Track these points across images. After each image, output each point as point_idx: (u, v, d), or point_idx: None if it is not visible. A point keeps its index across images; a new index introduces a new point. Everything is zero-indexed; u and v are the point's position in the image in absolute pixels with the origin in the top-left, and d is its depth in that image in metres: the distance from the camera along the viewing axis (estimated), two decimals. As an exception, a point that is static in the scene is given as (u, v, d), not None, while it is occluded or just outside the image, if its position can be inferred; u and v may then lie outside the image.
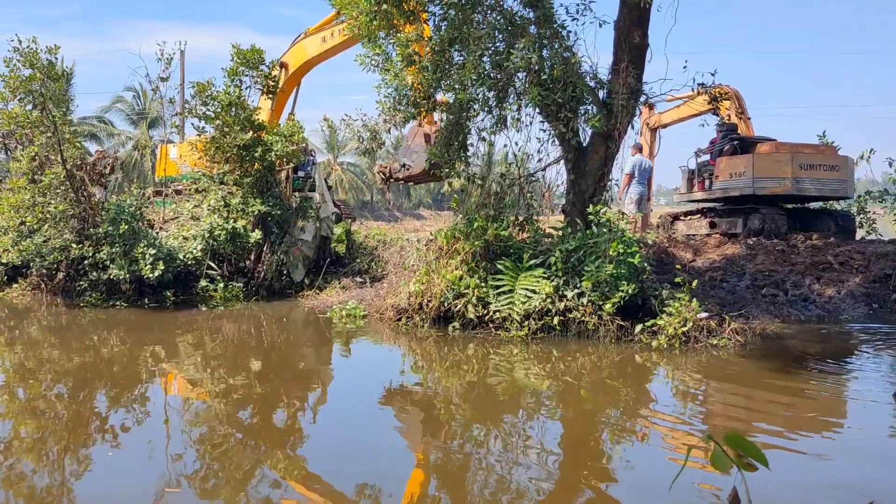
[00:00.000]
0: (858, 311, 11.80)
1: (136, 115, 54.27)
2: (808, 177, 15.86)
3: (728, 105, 18.10)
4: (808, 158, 15.99)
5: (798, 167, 15.77)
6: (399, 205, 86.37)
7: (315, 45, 17.45)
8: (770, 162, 16.01)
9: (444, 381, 7.92)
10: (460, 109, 10.93)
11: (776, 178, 15.83)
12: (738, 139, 17.19)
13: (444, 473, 4.97)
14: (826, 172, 16.02)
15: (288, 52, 18.34)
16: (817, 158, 16.11)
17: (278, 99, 18.44)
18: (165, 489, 4.50)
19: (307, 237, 14.61)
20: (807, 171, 15.86)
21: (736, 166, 16.55)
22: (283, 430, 6.05)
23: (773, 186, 15.89)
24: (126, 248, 12.75)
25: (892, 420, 6.22)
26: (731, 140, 17.11)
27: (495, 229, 10.29)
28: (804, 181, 15.81)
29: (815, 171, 15.93)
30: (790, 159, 15.80)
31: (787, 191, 15.87)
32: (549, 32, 10.50)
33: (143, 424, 6.21)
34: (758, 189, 15.99)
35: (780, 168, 15.84)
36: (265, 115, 17.97)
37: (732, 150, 16.91)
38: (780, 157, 15.98)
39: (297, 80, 19.01)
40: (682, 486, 4.33)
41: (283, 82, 18.45)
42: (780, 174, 15.81)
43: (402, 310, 10.81)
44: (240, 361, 8.87)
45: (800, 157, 15.89)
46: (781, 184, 15.81)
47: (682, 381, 7.83)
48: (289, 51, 18.32)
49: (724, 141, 17.22)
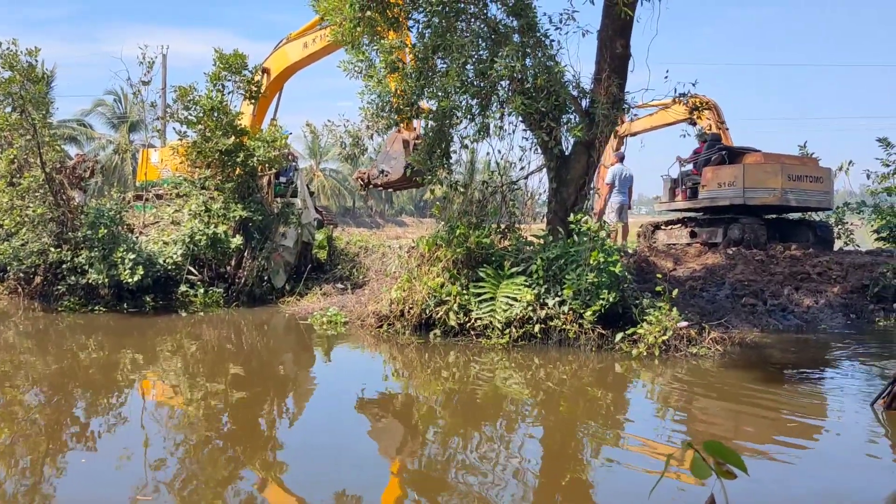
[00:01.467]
0: (836, 321, 11.90)
1: (117, 119, 53.91)
2: (796, 188, 16.01)
3: (708, 115, 18.34)
4: (795, 170, 16.15)
5: (787, 178, 15.90)
6: (381, 211, 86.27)
7: (297, 50, 17.42)
8: (760, 173, 16.10)
9: (424, 388, 7.90)
10: (443, 117, 10.94)
11: (766, 188, 15.92)
12: (725, 149, 17.27)
13: (423, 482, 4.95)
14: (811, 184, 16.19)
15: (270, 58, 18.29)
16: (803, 170, 16.28)
17: (260, 104, 18.36)
18: (137, 497, 4.44)
19: (288, 243, 14.56)
20: (794, 182, 16.01)
21: (724, 176, 16.53)
22: (261, 437, 6.01)
23: (763, 197, 15.96)
24: (105, 252, 12.65)
25: (870, 428, 6.26)
26: (719, 150, 17.17)
27: (477, 237, 10.29)
28: (791, 192, 15.95)
29: (801, 183, 16.09)
30: (780, 170, 15.93)
31: (777, 202, 15.96)
32: (532, 41, 10.54)
33: (119, 431, 6.14)
34: (748, 199, 16.02)
35: (770, 179, 15.95)
36: (247, 120, 17.90)
37: (720, 159, 16.95)
38: (769, 167, 16.10)
39: (279, 86, 18.96)
40: (660, 494, 4.33)
41: (265, 87, 18.40)
42: (771, 185, 15.90)
43: (384, 317, 10.78)
44: (219, 368, 8.81)
45: (788, 169, 16.04)
46: (771, 194, 15.89)
47: (661, 390, 7.86)
48: (271, 56, 18.28)
49: (710, 150, 17.25)
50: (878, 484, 4.87)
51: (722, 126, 19.00)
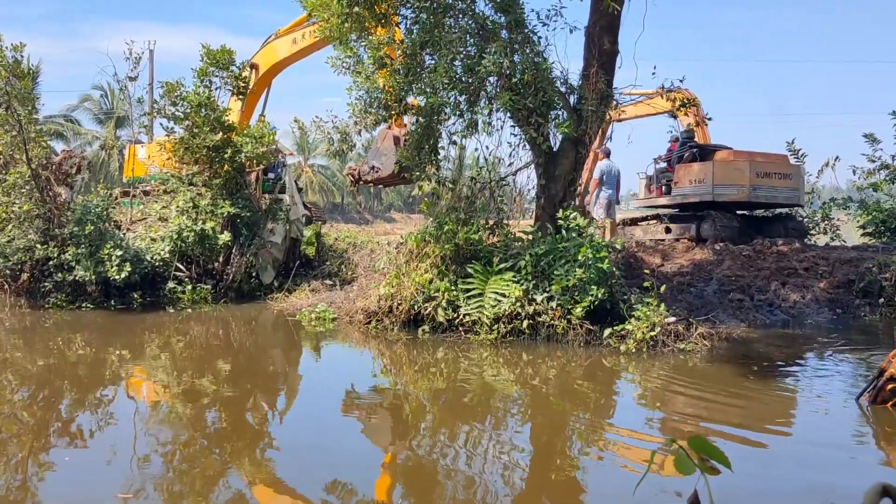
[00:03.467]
0: (823, 315, 11.97)
1: (104, 115, 53.63)
2: (765, 184, 16.40)
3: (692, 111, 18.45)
4: (764, 167, 16.52)
5: (756, 175, 16.28)
6: (370, 207, 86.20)
7: (286, 46, 17.38)
8: (729, 170, 16.45)
9: (413, 385, 7.91)
10: (431, 113, 10.94)
11: (736, 185, 16.29)
12: (697, 146, 17.59)
13: (413, 478, 4.96)
14: (780, 180, 16.59)
15: (258, 53, 18.23)
16: (772, 167, 16.65)
17: (249, 100, 18.31)
18: (118, 495, 4.42)
19: (277, 239, 14.54)
20: (763, 178, 16.39)
21: (695, 173, 16.90)
22: (249, 434, 6.01)
23: (733, 193, 16.31)
24: (92, 248, 12.59)
25: (854, 423, 6.31)
26: (690, 147, 17.49)
27: (466, 233, 10.30)
28: (760, 189, 16.33)
29: (770, 179, 16.48)
30: (748, 167, 16.28)
31: (746, 198, 16.33)
32: (520, 37, 10.55)
33: (105, 429, 6.12)
34: (717, 196, 16.39)
35: (739, 176, 16.31)
36: (236, 116, 17.84)
37: (692, 157, 17.26)
38: (738, 164, 16.45)
39: (267, 82, 18.92)
40: (645, 490, 4.36)
41: (253, 83, 18.34)
42: (740, 182, 16.27)
43: (372, 313, 10.78)
44: (207, 365, 8.79)
45: (757, 166, 16.40)
46: (740, 191, 16.26)
47: (649, 385, 7.89)
48: (259, 52, 18.22)
49: (682, 148, 17.57)
50: (862, 478, 4.90)
51: (701, 122, 19.29)
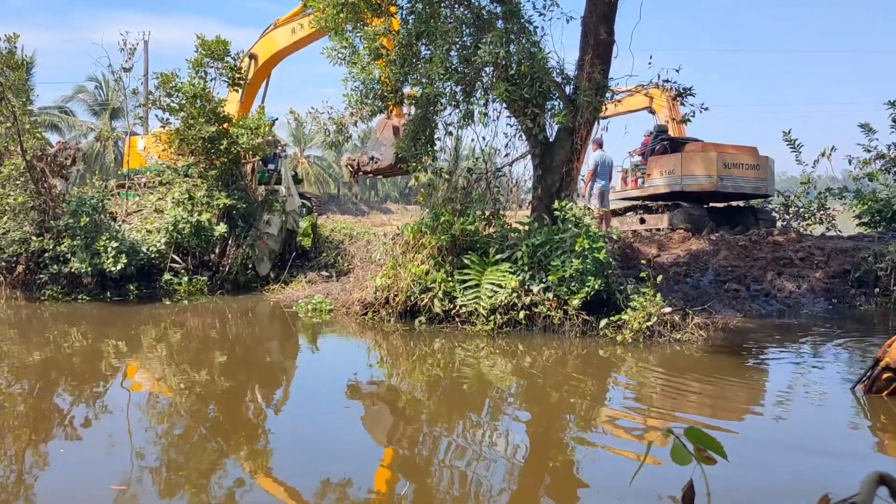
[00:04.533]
0: (818, 305, 11.99)
1: (99, 106, 53.41)
2: (732, 175, 16.85)
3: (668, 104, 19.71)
4: (731, 158, 16.96)
5: (723, 166, 16.71)
6: (366, 199, 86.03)
7: (285, 36, 17.31)
8: (698, 160, 16.91)
9: (410, 375, 7.92)
10: (427, 104, 10.91)
11: (703, 175, 16.74)
12: (668, 139, 18.20)
13: (410, 469, 4.97)
14: (748, 171, 17.03)
15: (257, 44, 18.17)
16: (740, 158, 17.10)
17: (248, 90, 18.27)
18: (112, 486, 4.42)
19: (273, 231, 14.51)
20: (730, 169, 16.82)
21: (666, 165, 17.44)
22: (246, 426, 6.01)
23: (700, 183, 16.77)
24: (88, 240, 12.56)
25: (850, 413, 6.33)
26: (662, 140, 18.09)
27: (462, 224, 10.29)
28: (728, 179, 16.77)
29: (738, 170, 16.92)
30: (716, 158, 16.71)
31: (713, 187, 16.77)
32: (516, 27, 10.51)
33: (101, 420, 6.11)
34: (686, 186, 16.88)
35: (706, 166, 16.76)
36: (235, 107, 17.79)
37: (663, 149, 17.83)
38: (706, 156, 16.91)
39: (266, 72, 18.86)
40: (641, 479, 4.37)
41: (252, 74, 18.28)
42: (707, 172, 16.71)
43: (369, 304, 10.78)
44: (204, 356, 8.80)
45: (724, 157, 16.85)
46: (708, 181, 16.70)
47: (645, 376, 7.90)
48: (258, 42, 18.16)
49: (655, 141, 18.17)
50: (858, 467, 4.92)
51: (676, 118, 19.73)
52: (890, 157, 18.45)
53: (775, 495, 4.42)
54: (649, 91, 15.68)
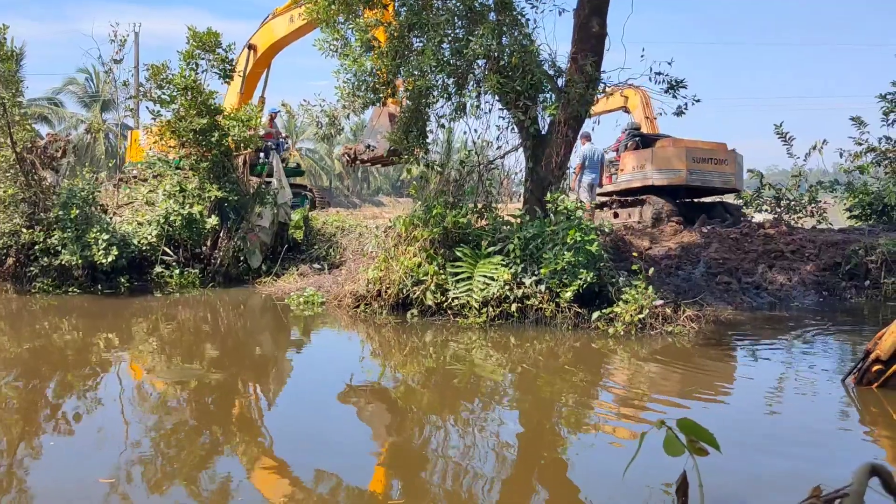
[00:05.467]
0: (809, 298, 12.05)
1: (89, 98, 53.13)
2: (700, 169, 17.38)
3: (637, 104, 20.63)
4: (699, 153, 17.50)
5: (692, 161, 17.25)
6: (358, 191, 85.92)
7: (283, 25, 17.21)
8: (667, 156, 17.45)
9: (402, 368, 7.91)
10: (419, 96, 10.89)
11: (673, 170, 17.27)
12: (640, 136, 18.70)
13: (402, 461, 4.97)
14: (716, 166, 17.59)
15: (256, 34, 18.08)
16: (708, 153, 17.63)
17: (248, 81, 18.22)
18: (100, 479, 4.40)
19: (264, 223, 14.47)
20: (699, 164, 17.36)
21: (637, 160, 18.05)
22: (237, 419, 6.00)
23: (670, 178, 17.29)
24: (78, 233, 12.50)
25: (840, 406, 6.36)
26: (634, 137, 18.63)
27: (454, 216, 10.29)
28: (696, 173, 17.30)
29: (706, 165, 17.47)
30: (684, 154, 17.25)
31: (682, 181, 17.27)
32: (508, 20, 10.50)
33: (91, 413, 6.07)
34: (656, 181, 17.40)
35: (675, 161, 17.30)
36: (235, 99, 17.74)
37: (635, 145, 18.38)
38: (676, 151, 17.44)
39: (266, 62, 18.78)
40: (635, 471, 4.37)
41: (252, 64, 18.21)
42: (676, 167, 17.25)
43: (361, 297, 10.76)
44: (195, 349, 8.78)
45: (693, 153, 17.39)
46: (677, 175, 17.23)
47: (637, 368, 7.92)
48: (257, 32, 18.07)
49: (627, 138, 18.72)
50: (849, 459, 4.95)
51: (649, 117, 20.59)
52: (881, 151, 18.54)
53: (767, 487, 4.44)
54: (624, 91, 16.36)
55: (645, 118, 20.47)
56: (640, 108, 20.89)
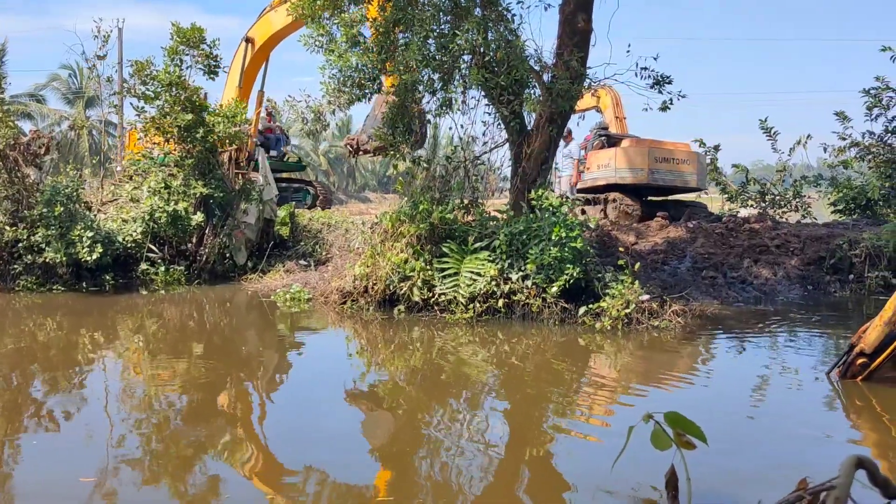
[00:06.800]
0: (794, 292, 12.12)
1: (73, 94, 52.79)
2: (663, 169, 17.87)
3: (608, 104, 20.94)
4: (662, 153, 18.00)
5: (654, 160, 17.74)
6: (344, 187, 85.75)
7: (281, 17, 17.01)
8: (630, 155, 17.88)
9: (389, 364, 7.90)
10: (405, 91, 10.87)
11: (636, 169, 17.70)
12: (606, 136, 19.20)
13: (389, 458, 4.96)
14: (678, 165, 18.07)
15: (254, 27, 17.91)
16: (670, 153, 18.15)
17: (246, 75, 18.07)
18: (81, 479, 4.37)
19: (250, 220, 14.41)
20: (661, 163, 17.84)
21: (602, 159, 18.55)
22: (225, 417, 5.97)
23: (633, 176, 17.74)
24: (62, 230, 12.41)
25: (825, 399, 6.40)
26: (600, 136, 19.19)
27: (440, 212, 10.28)
28: (658, 173, 17.78)
29: (668, 164, 17.97)
30: (647, 153, 17.72)
31: (645, 181, 17.71)
32: (493, 15, 10.50)
33: (75, 412, 6.02)
34: (620, 178, 17.87)
35: (638, 160, 17.72)
36: (233, 93, 17.61)
37: (601, 145, 18.93)
38: (639, 150, 17.88)
39: (264, 56, 18.58)
40: (622, 466, 4.39)
41: (250, 58, 18.06)
42: (639, 166, 17.67)
43: (347, 293, 10.75)
44: (181, 346, 8.73)
45: (655, 152, 17.88)
46: (640, 174, 17.67)
47: (624, 363, 7.95)
48: (255, 25, 17.90)
49: (595, 137, 19.31)
50: (834, 451, 4.98)
51: (619, 117, 20.99)
52: (864, 145, 18.66)
53: (753, 480, 4.46)
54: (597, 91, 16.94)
55: (615, 118, 20.88)
56: (610, 107, 21.22)
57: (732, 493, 4.26)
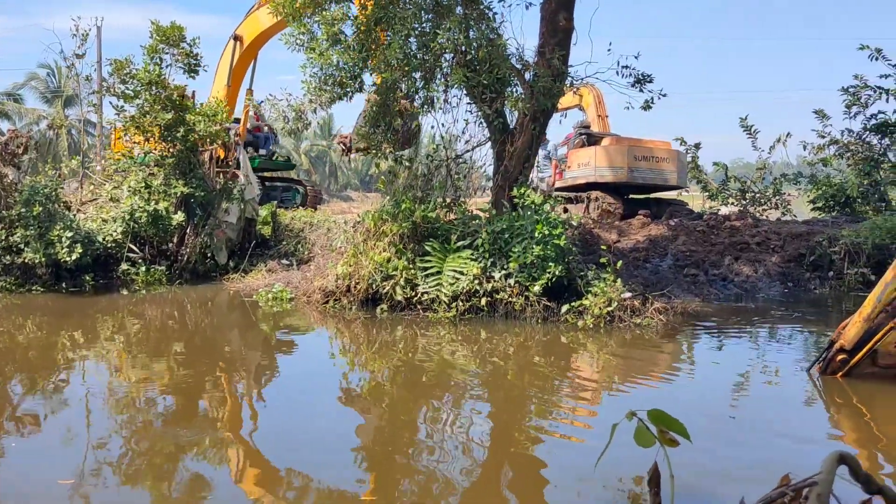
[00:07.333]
0: (774, 289, 12.20)
1: (51, 94, 52.34)
2: (642, 167, 18.04)
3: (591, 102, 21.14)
4: (641, 152, 18.15)
5: (633, 158, 17.91)
6: (326, 186, 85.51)
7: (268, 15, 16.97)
8: (610, 153, 18.07)
9: (372, 363, 7.88)
10: (387, 90, 10.85)
11: (615, 167, 17.89)
12: (587, 134, 19.45)
13: (372, 457, 4.94)
14: (657, 164, 18.20)
15: (242, 25, 17.79)
16: (650, 152, 18.27)
17: (235, 73, 17.94)
18: (59, 481, 4.32)
19: (231, 219, 14.33)
20: (640, 162, 18.01)
21: (582, 158, 18.73)
22: (206, 417, 5.94)
23: (612, 175, 17.91)
24: (41, 230, 12.30)
25: (805, 395, 6.45)
26: (581, 135, 19.43)
27: (423, 211, 10.27)
28: (637, 171, 17.95)
29: (647, 163, 18.11)
30: (626, 152, 17.90)
31: (624, 179, 17.90)
32: (475, 13, 10.49)
33: (55, 414, 5.96)
34: (599, 177, 18.05)
35: (618, 159, 17.93)
36: (222, 92, 17.48)
37: (581, 143, 19.14)
38: (618, 149, 18.07)
39: (253, 53, 18.46)
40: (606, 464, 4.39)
41: (238, 56, 17.94)
42: (618, 164, 17.88)
43: (330, 292, 10.71)
44: (163, 347, 8.67)
45: (635, 150, 18.05)
46: (619, 172, 17.86)
47: (606, 361, 7.97)
48: (243, 22, 17.77)
49: (576, 136, 19.55)
50: (815, 448, 5.01)
51: (602, 115, 21.22)
52: (843, 143, 18.83)
53: (736, 476, 4.49)
54: (579, 89, 16.94)
55: (597, 116, 21.03)
56: (593, 105, 21.37)
57: (715, 490, 4.28)
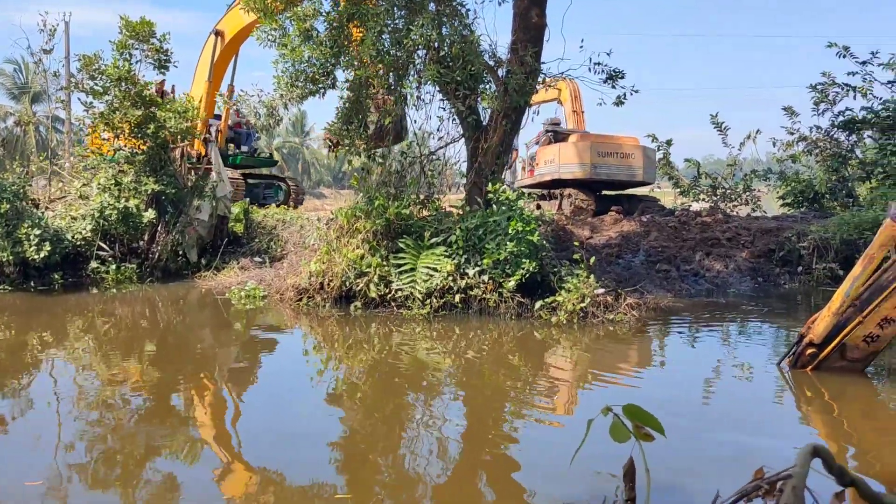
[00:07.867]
0: (745, 284, 12.33)
1: (18, 90, 51.55)
2: (606, 163, 18.12)
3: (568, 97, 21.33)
4: (605, 148, 18.22)
5: (597, 155, 17.96)
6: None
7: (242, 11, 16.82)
8: (574, 150, 18.14)
9: (346, 361, 7.86)
10: (360, 86, 10.81)
11: (578, 164, 18.00)
12: (555, 132, 19.60)
13: (346, 456, 4.93)
14: (621, 160, 18.28)
15: (223, 20, 17.58)
16: (613, 148, 18.37)
17: (216, 69, 17.72)
18: (25, 483, 4.26)
19: (203, 216, 14.20)
20: (604, 158, 18.08)
21: (548, 155, 18.82)
22: (178, 416, 5.88)
23: (576, 171, 18.03)
24: (8, 228, 12.12)
25: (776, 389, 6.52)
26: (548, 132, 19.59)
27: (396, 208, 10.25)
28: (601, 167, 18.05)
29: (611, 159, 18.18)
30: (589, 148, 17.94)
31: (587, 175, 17.99)
32: (448, 10, 10.48)
33: (22, 416, 5.89)
34: (563, 174, 18.14)
35: (581, 155, 18.00)
36: (203, 87, 17.28)
37: (548, 140, 19.29)
38: (581, 145, 18.14)
39: (234, 49, 18.24)
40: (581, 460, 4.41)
41: (219, 51, 17.74)
42: (582, 161, 17.96)
43: (303, 290, 10.66)
44: (133, 346, 8.58)
45: (598, 147, 18.10)
46: (583, 169, 17.95)
47: (579, 356, 8.00)
48: (223, 18, 17.57)
49: (544, 133, 19.72)
50: (787, 441, 5.07)
51: (577, 110, 21.41)
52: (811, 140, 19.06)
53: (710, 470, 4.53)
54: (557, 84, 16.89)
55: (573, 111, 21.16)
56: (569, 101, 21.44)
57: (690, 484, 4.31)
